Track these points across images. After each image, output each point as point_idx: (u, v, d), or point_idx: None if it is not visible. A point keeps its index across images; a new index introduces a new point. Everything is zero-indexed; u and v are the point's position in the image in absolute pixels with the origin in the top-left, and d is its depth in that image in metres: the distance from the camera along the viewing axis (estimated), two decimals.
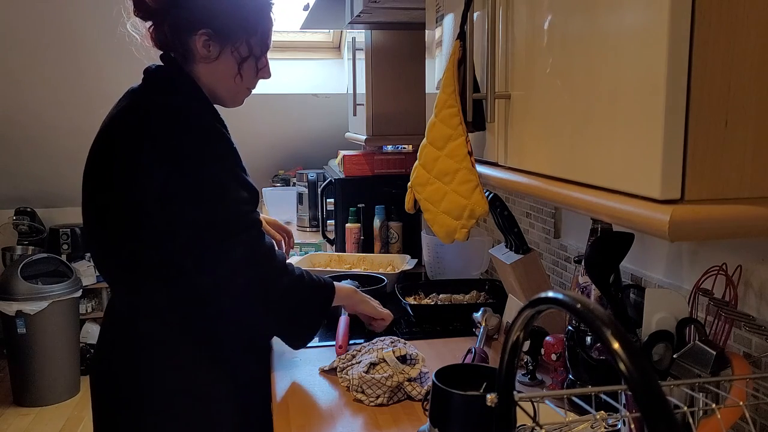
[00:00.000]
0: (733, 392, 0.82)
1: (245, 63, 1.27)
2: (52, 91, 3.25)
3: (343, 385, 1.32)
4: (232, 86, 1.29)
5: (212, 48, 1.24)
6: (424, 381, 1.29)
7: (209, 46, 1.24)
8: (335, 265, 2.24)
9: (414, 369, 1.28)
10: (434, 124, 1.03)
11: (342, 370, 1.35)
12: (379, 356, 1.30)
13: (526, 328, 0.60)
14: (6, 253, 3.72)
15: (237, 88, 1.30)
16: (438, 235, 1.08)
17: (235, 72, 1.27)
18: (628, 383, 0.46)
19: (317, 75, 3.66)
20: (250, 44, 1.26)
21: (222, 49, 1.24)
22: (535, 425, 0.66)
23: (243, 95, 1.33)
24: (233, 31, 1.24)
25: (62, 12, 2.95)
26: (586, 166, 0.72)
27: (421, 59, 1.40)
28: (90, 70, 3.18)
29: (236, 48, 1.25)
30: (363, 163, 2.47)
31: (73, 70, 3.19)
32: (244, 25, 1.25)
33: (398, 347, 1.32)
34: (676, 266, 1.17)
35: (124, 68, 1.37)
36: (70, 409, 3.34)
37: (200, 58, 1.25)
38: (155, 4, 1.23)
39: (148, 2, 1.24)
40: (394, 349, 1.31)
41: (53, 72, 3.18)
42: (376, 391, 1.25)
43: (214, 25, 1.22)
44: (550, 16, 0.78)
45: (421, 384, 1.28)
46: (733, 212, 0.59)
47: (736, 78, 0.58)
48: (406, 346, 1.35)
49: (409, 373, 1.27)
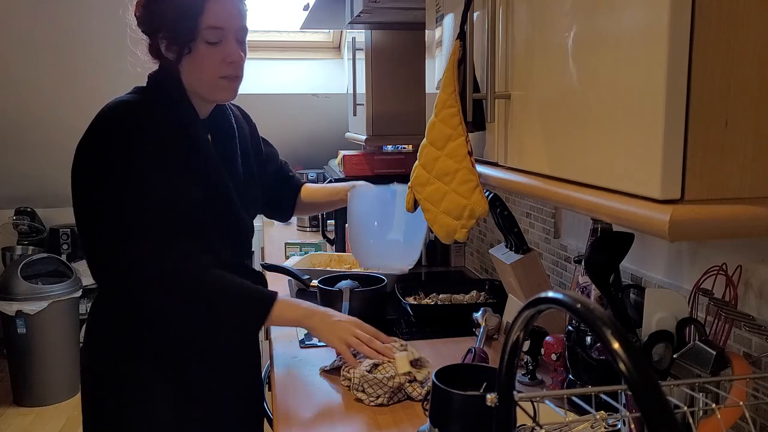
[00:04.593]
0: (733, 392, 0.82)
1: (193, 55, 1.26)
2: (52, 92, 3.25)
3: (344, 385, 1.32)
4: (198, 80, 1.29)
5: (172, 48, 1.27)
6: (425, 382, 1.29)
7: (170, 48, 1.27)
8: (335, 265, 2.24)
9: (421, 372, 1.29)
10: (434, 124, 1.03)
11: (345, 369, 1.34)
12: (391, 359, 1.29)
13: (526, 328, 0.60)
14: (6, 253, 3.72)
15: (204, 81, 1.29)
16: (438, 235, 1.08)
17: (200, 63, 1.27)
18: (628, 383, 0.46)
19: (317, 75, 3.66)
20: (190, 35, 1.25)
21: (179, 48, 1.26)
22: (535, 425, 0.66)
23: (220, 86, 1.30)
24: (174, 27, 1.25)
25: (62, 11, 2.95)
26: (586, 166, 0.72)
27: (421, 59, 1.39)
28: (90, 70, 3.18)
29: (180, 43, 1.26)
30: (363, 163, 2.47)
31: (73, 71, 3.18)
32: (179, 19, 1.24)
33: (410, 351, 1.32)
34: (676, 266, 1.17)
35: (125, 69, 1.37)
36: (70, 409, 3.33)
37: (170, 61, 1.29)
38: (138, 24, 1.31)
39: (137, 16, 1.30)
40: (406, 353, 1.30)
41: (53, 72, 3.18)
42: (377, 391, 1.24)
43: (162, 28, 1.27)
44: (550, 16, 0.78)
45: (422, 385, 1.28)
46: (733, 212, 0.59)
47: (736, 78, 0.58)
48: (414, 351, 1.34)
49: (415, 375, 1.27)
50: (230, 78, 1.30)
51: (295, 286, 2.04)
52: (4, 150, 3.51)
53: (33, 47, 3.07)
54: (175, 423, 1.30)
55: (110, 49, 2.98)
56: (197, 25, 1.24)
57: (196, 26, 1.24)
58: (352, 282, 1.74)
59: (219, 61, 1.27)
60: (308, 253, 2.34)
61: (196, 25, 1.24)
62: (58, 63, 3.15)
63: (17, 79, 3.19)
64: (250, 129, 1.56)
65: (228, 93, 1.32)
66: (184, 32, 1.25)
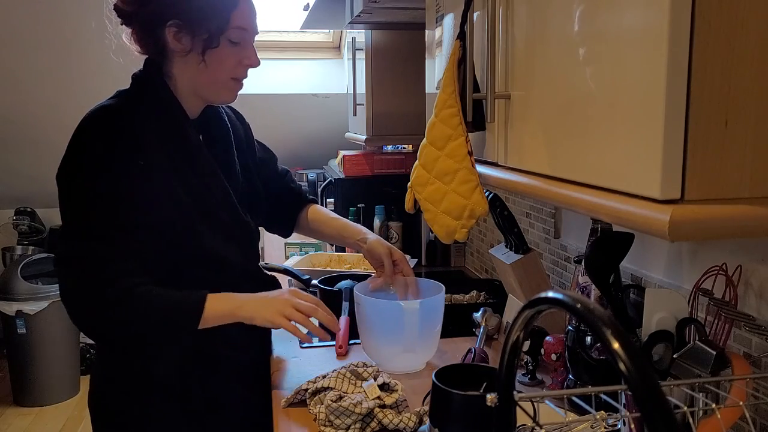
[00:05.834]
0: (733, 392, 0.82)
1: (217, 50, 1.21)
2: (51, 91, 3.25)
3: (311, 416, 1.20)
4: (207, 78, 1.23)
5: (184, 39, 1.19)
6: (402, 409, 1.19)
7: (180, 38, 1.19)
8: (335, 265, 2.24)
9: (390, 396, 1.19)
10: (434, 124, 1.03)
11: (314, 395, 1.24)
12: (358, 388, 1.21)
13: (526, 328, 0.60)
14: (6, 253, 3.72)
15: (214, 79, 1.24)
16: (438, 235, 1.08)
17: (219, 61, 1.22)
18: (628, 383, 0.46)
19: (317, 75, 3.66)
20: (220, 29, 1.19)
21: (194, 39, 1.19)
22: (535, 425, 0.66)
23: (228, 87, 1.26)
24: (201, 17, 1.18)
25: (62, 11, 2.95)
26: (586, 166, 0.72)
27: (421, 59, 1.40)
28: (90, 70, 3.17)
29: (207, 35, 1.19)
30: (363, 163, 2.47)
31: (72, 70, 3.18)
32: (211, 9, 1.18)
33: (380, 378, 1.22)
34: (676, 266, 1.17)
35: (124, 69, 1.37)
36: (70, 409, 3.33)
37: (175, 53, 1.21)
38: (126, 6, 1.22)
39: (120, 6, 1.22)
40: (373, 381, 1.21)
41: (53, 72, 3.18)
42: (345, 421, 1.14)
43: (181, 14, 1.18)
44: (550, 15, 0.78)
45: (398, 412, 1.18)
46: (733, 212, 0.59)
47: (736, 78, 0.58)
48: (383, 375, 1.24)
49: (384, 400, 1.17)
50: (239, 80, 1.27)
51: (295, 287, 2.04)
52: (4, 150, 3.51)
53: (33, 47, 3.07)
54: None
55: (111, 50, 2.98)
56: (228, 20, 1.19)
57: (228, 22, 1.19)
58: (352, 282, 1.74)
59: (236, 62, 1.23)
60: (308, 253, 2.34)
61: (227, 20, 1.19)
62: (58, 63, 3.15)
63: (17, 79, 3.19)
64: (244, 129, 1.51)
65: (232, 95, 1.28)
66: (215, 24, 1.18)
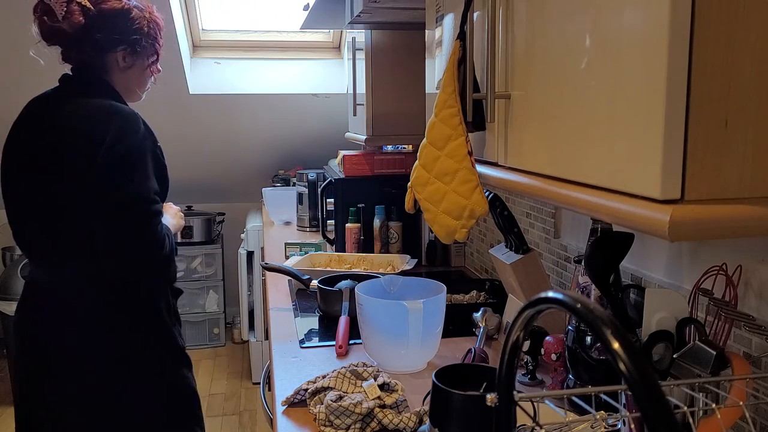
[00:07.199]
0: (733, 392, 0.82)
1: (153, 65, 1.61)
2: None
3: (311, 416, 1.22)
4: (144, 83, 1.62)
5: (127, 59, 1.55)
6: (402, 409, 1.20)
7: (125, 58, 1.54)
8: (335, 265, 2.24)
9: (390, 396, 1.20)
10: (434, 124, 1.03)
11: (314, 395, 1.25)
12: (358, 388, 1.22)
13: (526, 328, 0.60)
14: (6, 253, 3.72)
15: (146, 84, 1.64)
16: (438, 235, 1.08)
17: (148, 73, 1.62)
18: (628, 383, 0.46)
19: (317, 75, 3.66)
20: (155, 51, 1.60)
21: (136, 59, 1.56)
22: (535, 425, 0.66)
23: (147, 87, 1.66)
24: (145, 46, 1.56)
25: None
26: (586, 166, 0.72)
27: (421, 59, 1.40)
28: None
29: (148, 56, 1.58)
30: (363, 163, 2.47)
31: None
32: (151, 38, 1.58)
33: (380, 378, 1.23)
34: (676, 266, 1.17)
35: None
36: None
37: (118, 68, 1.54)
38: (73, 30, 1.49)
39: (65, 29, 1.49)
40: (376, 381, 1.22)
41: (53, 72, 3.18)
42: (346, 421, 1.15)
43: (131, 43, 1.53)
44: (550, 15, 0.78)
45: (398, 412, 1.19)
46: (733, 212, 0.59)
47: (736, 78, 0.58)
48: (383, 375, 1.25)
49: (384, 399, 1.18)
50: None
51: (295, 286, 2.04)
52: None
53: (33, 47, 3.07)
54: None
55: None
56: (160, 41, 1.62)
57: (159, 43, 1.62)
58: (352, 282, 1.74)
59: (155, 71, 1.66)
60: (308, 253, 2.34)
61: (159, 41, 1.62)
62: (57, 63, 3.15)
63: (17, 79, 3.19)
64: None
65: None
66: (153, 46, 1.59)
